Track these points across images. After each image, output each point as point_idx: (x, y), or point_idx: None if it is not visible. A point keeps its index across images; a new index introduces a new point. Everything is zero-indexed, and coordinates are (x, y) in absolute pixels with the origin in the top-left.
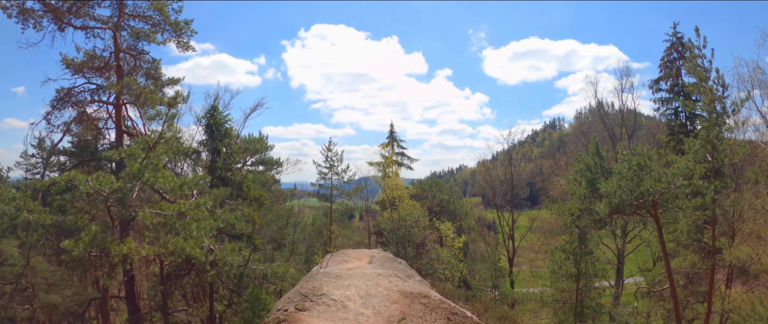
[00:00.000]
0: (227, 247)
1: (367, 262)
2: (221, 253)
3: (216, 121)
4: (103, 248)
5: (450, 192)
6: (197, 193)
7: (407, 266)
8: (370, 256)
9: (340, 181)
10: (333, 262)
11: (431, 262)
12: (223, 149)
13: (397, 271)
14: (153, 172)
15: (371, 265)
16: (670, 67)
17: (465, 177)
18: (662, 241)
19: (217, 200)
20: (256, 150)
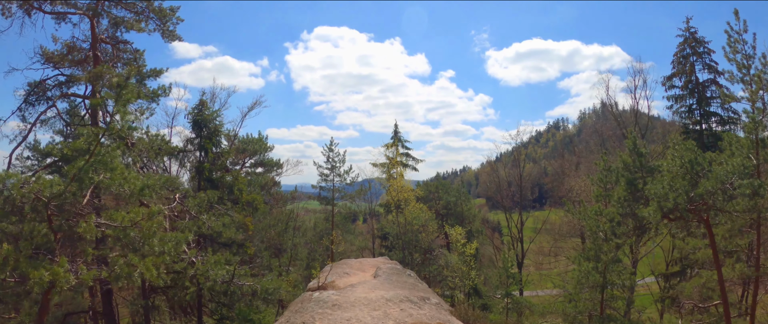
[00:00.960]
0: (210, 259)
1: (371, 274)
2: (203, 267)
3: (204, 117)
4: (21, 273)
5: (457, 194)
6: (180, 197)
7: (417, 279)
8: (374, 267)
9: (343, 183)
10: (333, 275)
11: (440, 269)
12: (212, 148)
13: (407, 288)
14: (109, 171)
15: (377, 281)
16: (683, 63)
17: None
18: (715, 249)
19: (202, 205)
20: (255, 151)
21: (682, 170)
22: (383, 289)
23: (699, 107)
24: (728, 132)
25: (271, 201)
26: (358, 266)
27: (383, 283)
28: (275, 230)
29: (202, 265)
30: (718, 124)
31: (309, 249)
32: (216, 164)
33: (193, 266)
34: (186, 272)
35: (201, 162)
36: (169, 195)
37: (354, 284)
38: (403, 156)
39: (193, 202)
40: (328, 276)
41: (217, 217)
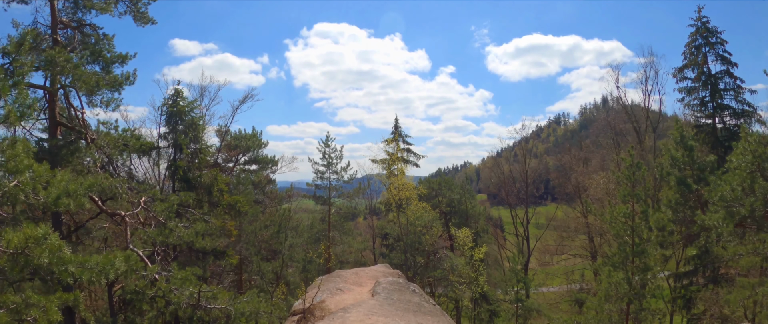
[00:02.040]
0: (176, 275)
1: (369, 290)
2: (166, 286)
3: (179, 109)
4: None
5: (461, 191)
6: (145, 201)
7: (423, 296)
8: (373, 280)
9: (340, 180)
10: (323, 292)
11: (445, 274)
12: (189, 144)
13: (412, 312)
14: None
15: (375, 301)
16: (695, 53)
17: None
18: None
19: (171, 210)
20: (248, 147)
21: (753, 167)
22: (383, 313)
23: (712, 100)
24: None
25: (265, 200)
26: (354, 279)
27: (383, 306)
28: (269, 231)
29: (166, 284)
30: (732, 118)
31: (306, 251)
32: (194, 162)
33: (154, 285)
34: (144, 293)
35: (175, 160)
36: (133, 199)
37: (347, 308)
38: (404, 152)
39: (161, 206)
40: (318, 294)
41: (190, 223)
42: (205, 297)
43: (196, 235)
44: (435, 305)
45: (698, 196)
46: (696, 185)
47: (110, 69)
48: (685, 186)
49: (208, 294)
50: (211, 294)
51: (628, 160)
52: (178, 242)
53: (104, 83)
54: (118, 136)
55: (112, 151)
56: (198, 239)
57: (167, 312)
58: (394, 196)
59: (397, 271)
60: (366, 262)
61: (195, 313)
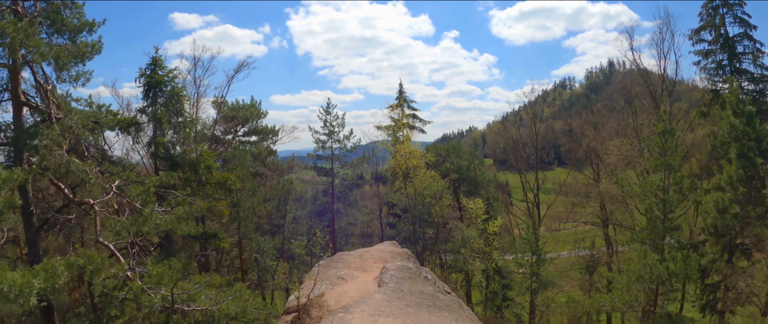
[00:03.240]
0: (152, 271)
1: (375, 278)
2: (139, 285)
3: (157, 79)
4: None
5: (470, 157)
6: (119, 185)
7: (436, 284)
8: (379, 264)
9: (343, 149)
10: (323, 282)
11: (456, 247)
12: (171, 118)
13: (426, 307)
14: None
15: (383, 295)
16: (712, 15)
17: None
18: None
19: (148, 194)
20: (247, 118)
21: None
22: (391, 312)
23: (729, 63)
24: None
25: (266, 172)
26: (358, 264)
27: (391, 301)
28: (269, 205)
29: (139, 283)
30: (750, 83)
31: (309, 225)
32: (178, 137)
33: (125, 286)
34: (113, 296)
35: (155, 136)
36: (105, 184)
37: (349, 307)
38: (409, 117)
39: (137, 190)
40: (316, 286)
41: (173, 207)
42: (180, 299)
43: (178, 221)
44: (450, 294)
45: (757, 170)
46: (761, 158)
47: (76, 39)
48: (748, 160)
49: (184, 296)
50: (187, 295)
51: (659, 125)
52: (155, 231)
53: (66, 54)
54: (90, 114)
55: (81, 130)
56: (180, 225)
57: (139, 318)
58: (401, 164)
59: (405, 251)
60: (372, 233)
61: (170, 319)
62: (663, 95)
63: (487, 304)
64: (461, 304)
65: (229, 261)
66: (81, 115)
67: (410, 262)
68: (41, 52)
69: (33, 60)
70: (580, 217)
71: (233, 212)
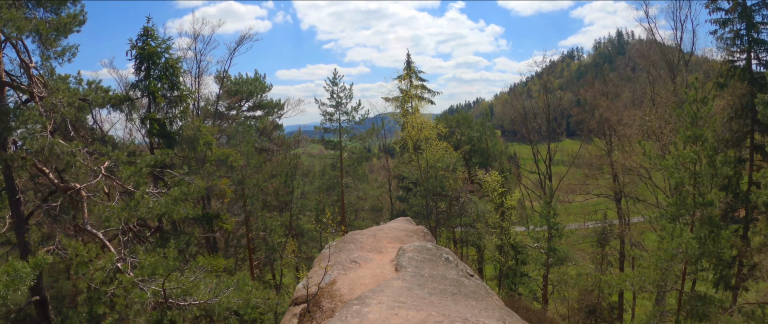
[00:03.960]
0: (144, 262)
1: (391, 261)
2: (129, 279)
3: (149, 50)
4: None
5: (481, 128)
6: (108, 167)
7: (459, 267)
8: (395, 245)
9: (351, 121)
10: (334, 268)
11: (470, 221)
12: (166, 92)
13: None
14: None
15: (402, 281)
16: None
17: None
18: None
19: (141, 175)
20: (251, 92)
21: None
22: (414, 303)
23: (747, 33)
24: None
25: (272, 147)
26: (372, 244)
27: (412, 289)
28: (276, 181)
29: (129, 276)
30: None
31: (318, 200)
32: (174, 113)
33: (114, 280)
34: (99, 291)
35: (149, 112)
36: (94, 166)
37: (365, 298)
38: (418, 88)
39: (128, 172)
40: (327, 273)
41: (168, 188)
42: (174, 294)
43: (174, 203)
44: (473, 277)
45: None
46: None
47: (60, 10)
48: None
49: (177, 291)
50: (180, 291)
51: (691, 93)
52: (149, 215)
53: (47, 27)
54: (77, 91)
55: (67, 109)
56: (176, 208)
57: (131, 314)
58: (412, 136)
59: (421, 228)
60: (382, 207)
61: (164, 316)
62: (680, 65)
63: (502, 280)
64: (487, 290)
65: (237, 240)
66: (67, 92)
67: (428, 242)
68: (18, 26)
69: (9, 35)
70: (593, 189)
71: (238, 190)
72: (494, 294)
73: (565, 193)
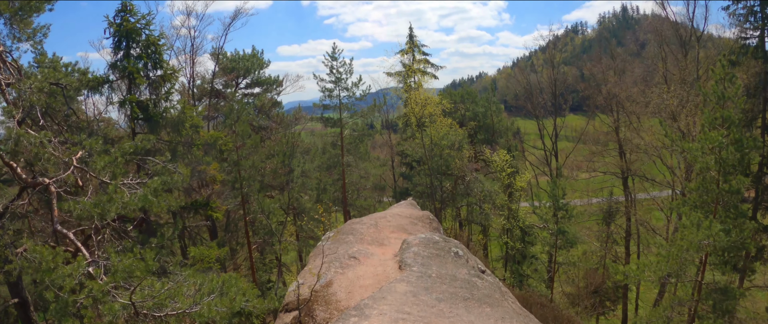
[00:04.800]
0: (117, 266)
1: (394, 257)
2: (100, 286)
3: (128, 27)
4: None
5: (486, 103)
6: (80, 158)
7: (469, 264)
8: (399, 235)
9: (351, 98)
10: (331, 265)
11: (476, 201)
12: (148, 72)
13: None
14: None
15: (406, 284)
16: None
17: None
18: None
19: (117, 164)
20: (248, 69)
21: None
22: (421, 311)
23: (761, 9)
24: None
25: (271, 125)
26: (373, 235)
27: (418, 294)
28: (274, 162)
29: (101, 282)
30: None
31: (319, 179)
32: (158, 94)
33: (83, 287)
34: (67, 302)
35: (129, 94)
36: (66, 157)
37: (363, 307)
38: (421, 63)
39: (103, 161)
40: (322, 270)
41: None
42: (146, 306)
43: (154, 195)
44: (485, 272)
45: None
46: None
47: None
48: None
49: (149, 303)
50: (154, 302)
51: (718, 71)
52: (124, 211)
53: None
54: (50, 75)
55: (37, 95)
56: (157, 200)
57: None
58: (416, 112)
59: (426, 214)
60: (385, 186)
61: None
62: (692, 41)
63: (507, 264)
64: (502, 291)
65: (234, 223)
66: (37, 77)
67: (435, 233)
68: None
69: None
70: (600, 167)
71: (234, 171)
72: (509, 294)
73: (570, 169)
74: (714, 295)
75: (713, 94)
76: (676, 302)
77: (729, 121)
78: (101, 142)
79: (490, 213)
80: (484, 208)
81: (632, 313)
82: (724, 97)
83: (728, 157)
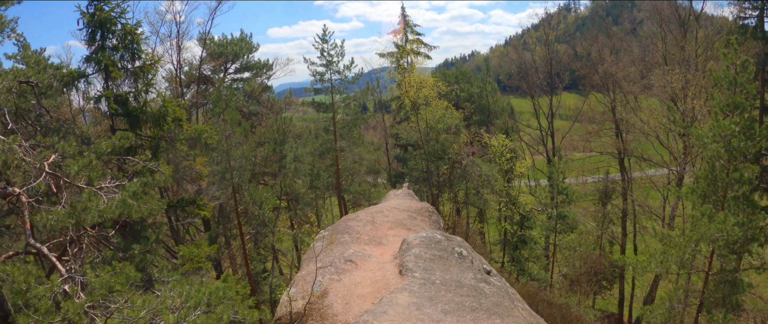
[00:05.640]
0: (95, 282)
1: (394, 259)
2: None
3: (102, 17)
4: None
5: (481, 84)
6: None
7: (474, 267)
8: (397, 231)
9: (343, 81)
10: (326, 270)
11: (474, 186)
12: (126, 63)
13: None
14: None
15: (407, 293)
16: None
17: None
18: None
19: (92, 167)
20: (236, 53)
21: None
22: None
23: None
24: None
25: (261, 110)
26: (370, 234)
27: (423, 306)
28: (265, 150)
29: (77, 302)
30: None
31: (312, 165)
32: (137, 87)
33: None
34: None
35: (106, 88)
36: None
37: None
38: (414, 43)
39: (77, 165)
40: (318, 273)
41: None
42: None
43: (134, 198)
44: (492, 275)
45: None
46: None
47: None
48: None
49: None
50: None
51: (729, 55)
52: (100, 219)
53: None
54: (18, 72)
55: (4, 96)
56: (137, 204)
57: None
58: (411, 96)
59: (425, 205)
60: (380, 168)
61: None
62: (690, 20)
63: (505, 247)
64: (511, 295)
65: (226, 214)
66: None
67: (436, 230)
68: None
69: None
70: (597, 146)
71: (224, 161)
72: (517, 297)
73: (566, 149)
74: (722, 286)
75: (724, 79)
76: (683, 293)
77: (741, 107)
78: (75, 143)
79: (488, 198)
80: (482, 192)
81: (629, 293)
82: (736, 82)
83: (739, 146)
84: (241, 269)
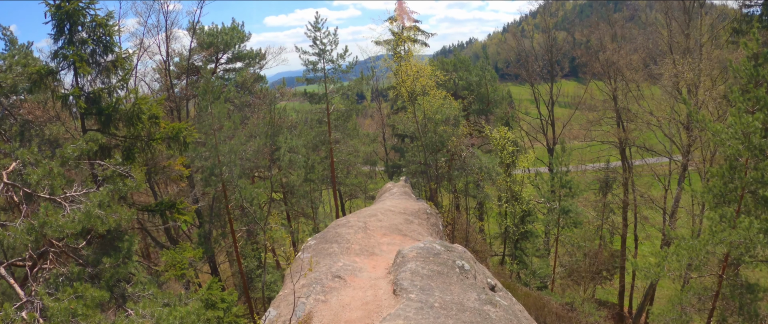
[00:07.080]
0: (53, 307)
1: (387, 274)
2: None
3: (68, 8)
4: None
5: (480, 72)
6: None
7: (477, 282)
8: (392, 239)
9: (337, 70)
10: (311, 286)
11: (474, 179)
12: (96, 58)
13: None
14: None
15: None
16: None
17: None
18: None
19: (52, 176)
20: (228, 43)
21: None
22: None
23: None
24: None
25: (254, 101)
26: (361, 243)
27: None
28: (255, 143)
29: None
30: None
31: (306, 157)
32: (108, 85)
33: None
34: None
35: (75, 86)
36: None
37: None
38: (411, 30)
39: (39, 173)
40: (303, 291)
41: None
42: None
43: (102, 207)
44: (497, 290)
45: None
46: None
47: None
48: None
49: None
50: None
51: (750, 45)
52: (61, 235)
53: None
54: None
55: None
56: (103, 216)
57: None
58: (408, 86)
59: (423, 206)
60: (377, 159)
61: None
62: (695, 8)
63: (506, 242)
64: (519, 318)
65: (217, 210)
66: None
67: (435, 239)
68: None
69: None
70: (597, 135)
71: (213, 156)
72: (526, 317)
73: (567, 138)
74: (738, 291)
75: (745, 72)
76: (695, 297)
77: (762, 102)
78: (36, 149)
79: (489, 192)
80: (483, 185)
81: (629, 284)
82: (759, 76)
83: (759, 143)
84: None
